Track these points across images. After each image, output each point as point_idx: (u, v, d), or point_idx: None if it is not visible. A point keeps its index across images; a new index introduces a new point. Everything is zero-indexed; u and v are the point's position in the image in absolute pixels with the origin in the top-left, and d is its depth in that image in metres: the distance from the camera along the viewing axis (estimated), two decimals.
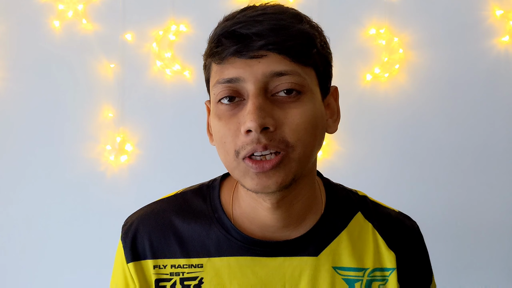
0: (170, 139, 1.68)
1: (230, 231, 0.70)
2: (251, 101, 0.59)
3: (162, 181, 1.66)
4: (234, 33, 0.60)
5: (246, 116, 0.59)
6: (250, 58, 0.59)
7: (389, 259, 0.72)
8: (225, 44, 0.60)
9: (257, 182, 0.60)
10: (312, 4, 1.57)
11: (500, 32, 1.57)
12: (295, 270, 0.69)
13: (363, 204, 0.76)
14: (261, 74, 0.59)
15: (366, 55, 1.60)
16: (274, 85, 0.60)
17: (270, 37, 0.59)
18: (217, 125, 0.63)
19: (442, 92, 1.58)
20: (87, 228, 1.68)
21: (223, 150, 0.63)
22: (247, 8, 0.63)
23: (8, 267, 1.71)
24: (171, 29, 1.64)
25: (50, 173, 1.69)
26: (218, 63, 0.62)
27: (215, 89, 0.62)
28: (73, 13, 1.67)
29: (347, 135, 1.61)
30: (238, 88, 0.61)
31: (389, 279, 0.71)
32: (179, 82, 1.66)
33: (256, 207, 0.68)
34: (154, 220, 0.73)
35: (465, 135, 1.57)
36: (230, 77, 0.60)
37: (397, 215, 0.77)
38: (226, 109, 0.62)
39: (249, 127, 0.58)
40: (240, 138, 0.60)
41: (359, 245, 0.72)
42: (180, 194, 0.76)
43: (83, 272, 1.68)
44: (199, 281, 0.70)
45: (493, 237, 1.56)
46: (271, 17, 0.60)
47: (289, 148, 0.60)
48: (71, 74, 1.69)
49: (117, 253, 0.75)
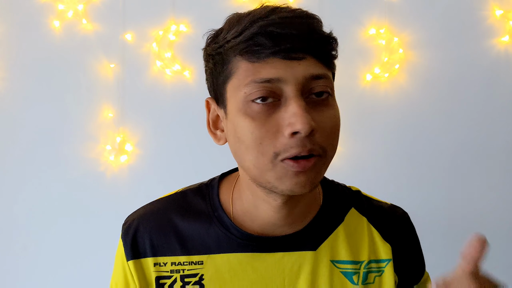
0: (170, 139, 1.68)
1: (229, 228, 0.71)
2: (296, 103, 0.59)
3: (162, 181, 1.66)
4: (273, 33, 0.59)
5: (292, 118, 0.58)
6: (291, 60, 0.59)
7: (385, 251, 0.73)
8: (264, 43, 0.59)
9: (296, 181, 0.60)
10: (312, 4, 1.57)
11: (500, 32, 1.57)
12: (294, 265, 0.70)
13: (357, 199, 0.77)
14: (302, 76, 0.60)
15: (366, 55, 1.60)
16: (310, 87, 0.61)
17: (309, 40, 0.60)
18: (250, 126, 0.60)
19: (442, 92, 1.58)
20: (87, 228, 1.68)
21: (255, 151, 0.61)
22: (275, 9, 0.63)
23: (9, 266, 1.71)
24: (171, 29, 1.64)
25: (50, 173, 1.69)
26: (253, 61, 0.60)
27: (248, 88, 0.60)
28: (73, 13, 1.67)
29: (347, 135, 1.61)
30: (275, 88, 0.60)
31: (385, 270, 0.73)
32: (179, 82, 1.66)
33: (260, 205, 0.68)
34: (154, 219, 0.74)
35: (465, 135, 1.57)
36: (270, 77, 0.59)
37: (389, 207, 0.79)
38: (261, 109, 0.60)
39: (299, 129, 0.58)
40: (280, 140, 0.59)
41: (355, 239, 0.73)
42: (179, 193, 0.77)
43: (83, 271, 1.68)
44: (200, 277, 0.70)
45: (493, 237, 1.55)
46: (305, 21, 0.61)
47: (323, 150, 0.62)
48: (71, 74, 1.69)
49: (117, 251, 0.76)
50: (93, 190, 1.68)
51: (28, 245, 1.71)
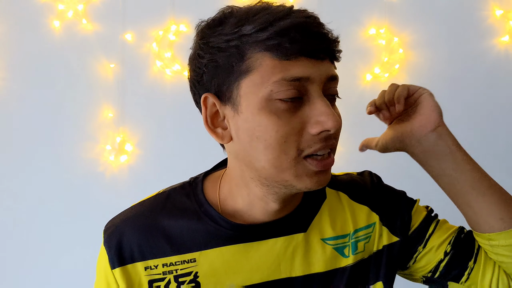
0: (170, 139, 1.68)
1: (218, 222, 0.69)
2: (323, 102, 0.60)
3: (162, 181, 1.65)
4: (305, 31, 0.59)
5: (321, 117, 0.59)
6: (317, 59, 0.60)
7: (366, 216, 0.75)
8: (297, 40, 0.58)
9: (316, 180, 0.62)
10: (312, 4, 1.57)
11: (500, 32, 1.57)
12: (288, 248, 0.70)
13: None
14: (325, 76, 0.61)
15: (366, 55, 1.61)
16: (327, 87, 0.62)
17: (328, 42, 0.61)
18: (276, 124, 0.59)
19: (442, 92, 1.57)
20: (87, 228, 1.68)
21: (278, 150, 0.60)
22: (289, 8, 0.62)
23: (9, 266, 1.71)
24: (171, 29, 1.64)
25: (50, 173, 1.69)
26: (280, 58, 0.59)
27: (276, 86, 0.59)
28: (73, 13, 1.67)
29: (347, 135, 1.61)
30: (301, 87, 0.60)
31: (371, 235, 0.74)
32: (179, 82, 1.66)
33: (255, 205, 0.68)
34: (139, 222, 0.71)
35: (465, 135, 1.56)
36: (300, 75, 0.59)
37: (355, 177, 0.82)
38: (287, 107, 0.59)
39: (329, 127, 0.59)
40: (304, 137, 0.60)
41: (338, 214, 0.75)
42: (161, 194, 0.75)
43: (83, 271, 1.68)
44: (194, 275, 0.69)
45: None
46: (319, 22, 0.62)
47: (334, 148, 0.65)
48: (71, 74, 1.69)
49: (99, 260, 0.73)
50: (93, 190, 1.68)
51: (28, 245, 1.71)
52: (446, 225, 0.78)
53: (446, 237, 0.75)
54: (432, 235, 0.76)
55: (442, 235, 0.76)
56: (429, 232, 0.76)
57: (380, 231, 0.75)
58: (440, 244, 0.75)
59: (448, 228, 0.77)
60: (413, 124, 0.72)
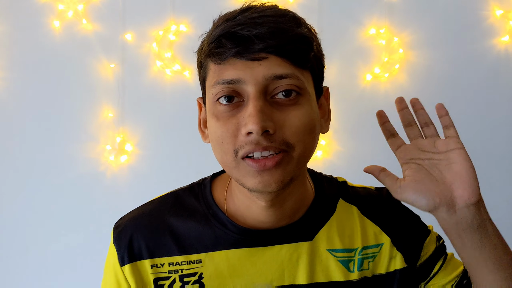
0: (170, 139, 1.68)
1: (226, 225, 0.71)
2: (252, 104, 0.59)
3: (162, 181, 1.66)
4: (235, 34, 0.60)
5: (247, 119, 0.59)
6: (251, 60, 0.60)
7: (376, 236, 0.74)
8: (225, 45, 0.60)
9: (259, 180, 0.61)
10: (312, 4, 1.57)
11: (500, 32, 1.57)
12: (292, 256, 0.71)
13: (343, 189, 0.78)
14: (262, 76, 0.60)
15: (366, 55, 1.61)
16: (274, 87, 0.61)
17: (271, 40, 0.59)
18: (215, 125, 0.63)
19: (442, 92, 1.58)
20: (87, 228, 1.68)
21: (220, 150, 0.63)
22: (246, 9, 0.63)
23: (10, 266, 1.71)
24: (171, 29, 1.64)
25: (50, 173, 1.69)
26: (217, 63, 0.62)
27: (214, 89, 0.62)
28: (73, 13, 1.67)
29: (347, 135, 1.61)
30: (238, 89, 0.61)
31: (378, 254, 0.74)
32: (179, 82, 1.66)
33: (250, 205, 0.69)
34: (148, 221, 0.73)
35: (465, 135, 1.56)
36: (231, 78, 0.60)
37: (373, 193, 0.79)
38: (225, 109, 0.62)
39: (250, 129, 0.59)
40: (239, 138, 0.61)
41: (347, 228, 0.74)
42: (171, 194, 0.77)
43: (83, 271, 1.68)
44: (199, 276, 0.70)
45: None
46: (272, 20, 0.61)
47: (289, 148, 0.61)
48: (71, 74, 1.69)
49: (108, 257, 0.74)
50: (93, 190, 1.68)
51: (28, 245, 1.71)
52: (452, 262, 0.76)
53: (449, 280, 0.75)
54: (436, 274, 0.75)
55: (446, 276, 0.75)
56: (435, 271, 0.75)
57: (391, 253, 0.74)
58: (443, 286, 0.75)
59: (453, 267, 0.76)
60: (453, 190, 0.65)
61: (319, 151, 1.62)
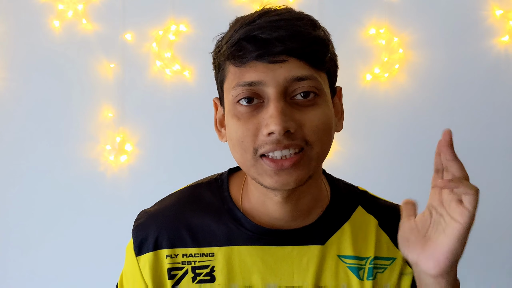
0: (170, 139, 1.68)
1: (240, 221, 0.73)
2: (274, 105, 0.62)
3: (162, 181, 1.66)
4: (256, 37, 0.63)
5: (269, 119, 0.62)
6: (272, 63, 0.62)
7: (390, 250, 0.75)
8: (247, 48, 0.63)
9: (276, 179, 0.64)
10: (312, 4, 1.57)
11: (500, 32, 1.57)
12: (303, 259, 0.72)
13: (364, 198, 0.79)
14: (283, 78, 0.63)
15: (366, 55, 1.60)
16: (293, 88, 0.64)
17: (290, 42, 0.62)
18: (235, 125, 0.65)
19: (442, 92, 1.58)
20: (87, 228, 1.68)
21: (239, 148, 0.65)
22: (264, 13, 0.65)
23: (9, 267, 1.71)
24: (171, 29, 1.64)
25: (50, 173, 1.69)
26: (238, 66, 0.64)
27: (234, 91, 0.65)
28: (73, 13, 1.67)
29: (347, 135, 1.61)
30: (258, 91, 0.64)
31: (388, 268, 0.74)
32: (179, 82, 1.66)
33: (265, 201, 0.71)
34: (165, 213, 0.76)
35: (465, 135, 1.57)
36: (252, 80, 0.63)
37: (396, 209, 0.78)
38: (246, 110, 0.64)
39: (273, 130, 0.61)
40: (259, 137, 0.63)
41: (361, 236, 0.75)
42: (188, 188, 0.80)
43: (83, 271, 1.68)
44: (211, 269, 0.72)
45: (493, 237, 1.55)
46: (291, 23, 0.63)
47: (308, 146, 0.64)
48: (71, 74, 1.69)
49: (127, 246, 0.77)
50: (93, 190, 1.68)
51: (28, 245, 1.71)
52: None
53: None
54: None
55: None
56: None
57: (403, 270, 0.75)
58: None
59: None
60: (425, 251, 0.63)
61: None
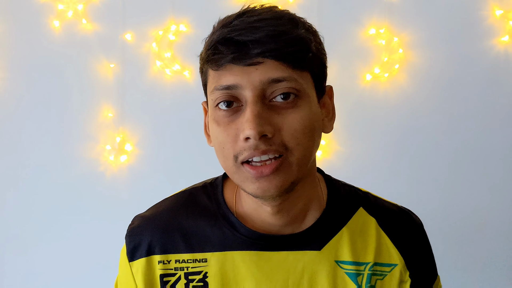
0: (170, 139, 1.68)
1: (235, 226, 0.71)
2: (249, 109, 0.60)
3: (161, 181, 1.66)
4: (231, 40, 0.61)
5: (244, 124, 0.60)
6: (248, 66, 0.60)
7: (392, 256, 0.73)
8: (222, 51, 0.61)
9: (257, 186, 0.61)
10: (312, 4, 1.57)
11: (500, 32, 1.57)
12: (298, 264, 0.70)
13: (365, 199, 0.77)
14: (259, 81, 0.60)
15: (366, 55, 1.60)
16: (271, 91, 0.61)
17: (267, 44, 0.60)
18: (216, 131, 0.64)
19: (442, 92, 1.58)
20: (87, 228, 1.68)
21: (222, 155, 0.64)
22: (242, 14, 0.63)
23: (8, 267, 1.71)
24: (171, 29, 1.64)
25: (50, 173, 1.69)
26: (215, 69, 0.63)
27: (213, 95, 0.63)
28: (73, 13, 1.67)
29: (347, 135, 1.61)
30: (236, 94, 0.62)
31: (388, 274, 0.72)
32: (179, 82, 1.66)
33: (257, 209, 0.69)
34: (160, 218, 0.74)
35: (465, 135, 1.57)
36: (228, 84, 0.61)
37: (400, 212, 0.77)
38: (224, 115, 0.62)
39: (248, 134, 0.59)
40: (238, 143, 0.61)
41: (361, 240, 0.72)
42: (185, 192, 0.78)
43: (82, 271, 1.68)
44: (204, 275, 0.70)
45: (493, 237, 1.55)
46: (268, 23, 0.61)
47: (288, 151, 0.61)
48: (71, 74, 1.69)
49: (121, 252, 0.76)
50: (93, 190, 1.68)
51: (28, 245, 1.71)
52: None
53: None
54: None
55: None
56: None
57: (402, 277, 0.73)
58: None
59: None
60: None
61: (319, 151, 1.62)
